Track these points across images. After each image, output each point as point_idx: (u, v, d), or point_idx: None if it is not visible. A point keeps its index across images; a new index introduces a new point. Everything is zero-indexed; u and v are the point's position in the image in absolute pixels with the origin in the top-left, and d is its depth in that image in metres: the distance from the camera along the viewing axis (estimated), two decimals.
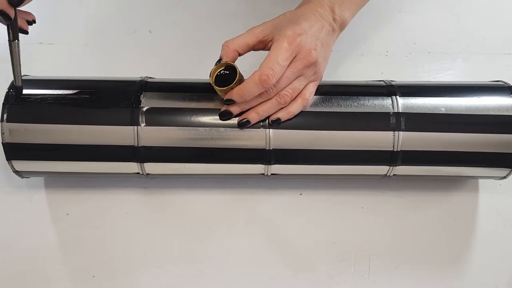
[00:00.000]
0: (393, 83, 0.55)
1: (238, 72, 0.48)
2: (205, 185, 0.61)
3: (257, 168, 0.53)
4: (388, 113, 0.51)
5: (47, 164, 0.53)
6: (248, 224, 0.59)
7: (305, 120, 0.51)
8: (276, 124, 0.50)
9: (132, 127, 0.50)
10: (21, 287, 0.57)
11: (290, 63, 0.47)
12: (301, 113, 0.51)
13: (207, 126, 0.51)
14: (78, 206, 0.59)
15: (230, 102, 0.49)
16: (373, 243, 0.59)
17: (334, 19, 0.51)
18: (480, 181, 0.61)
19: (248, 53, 0.51)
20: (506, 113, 0.52)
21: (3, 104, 0.51)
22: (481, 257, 0.58)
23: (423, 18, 0.71)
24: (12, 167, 0.53)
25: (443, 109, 0.52)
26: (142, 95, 0.52)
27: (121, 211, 0.59)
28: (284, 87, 0.49)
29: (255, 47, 0.50)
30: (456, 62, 0.68)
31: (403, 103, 0.52)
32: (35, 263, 0.57)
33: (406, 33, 0.70)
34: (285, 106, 0.50)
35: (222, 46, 0.50)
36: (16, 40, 0.41)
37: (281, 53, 0.46)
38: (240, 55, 0.50)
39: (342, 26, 0.52)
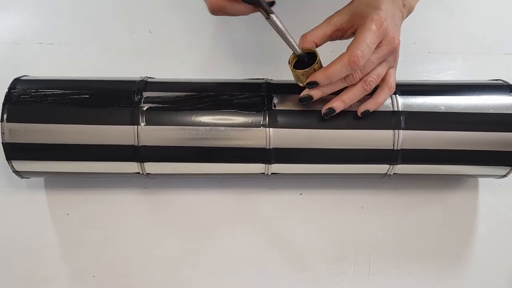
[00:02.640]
0: None
1: (317, 56, 0.47)
2: (205, 185, 0.61)
3: (257, 168, 0.53)
4: (388, 111, 0.52)
5: (47, 164, 0.53)
6: (248, 224, 0.59)
7: (305, 119, 0.51)
8: (365, 115, 0.50)
9: (132, 126, 0.50)
10: (21, 287, 0.57)
11: (376, 47, 0.47)
12: (301, 112, 0.51)
13: (207, 126, 0.51)
14: (78, 206, 0.59)
15: (313, 84, 0.48)
16: (373, 243, 0.59)
17: (404, 5, 0.51)
18: (480, 180, 0.61)
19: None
20: (506, 112, 0.52)
21: (3, 104, 0.51)
22: (481, 257, 0.58)
23: (423, 18, 0.71)
24: (12, 167, 0.53)
25: (442, 107, 0.52)
26: (142, 95, 0.52)
27: (121, 211, 0.59)
28: (369, 72, 0.49)
29: (332, 37, 0.50)
30: (456, 62, 0.68)
31: (403, 102, 0.52)
32: (35, 263, 0.57)
33: (406, 33, 0.70)
34: (372, 97, 0.50)
35: (300, 38, 0.49)
36: (271, 15, 0.41)
37: (369, 36, 0.46)
38: (317, 46, 0.49)
39: (409, 12, 0.52)
